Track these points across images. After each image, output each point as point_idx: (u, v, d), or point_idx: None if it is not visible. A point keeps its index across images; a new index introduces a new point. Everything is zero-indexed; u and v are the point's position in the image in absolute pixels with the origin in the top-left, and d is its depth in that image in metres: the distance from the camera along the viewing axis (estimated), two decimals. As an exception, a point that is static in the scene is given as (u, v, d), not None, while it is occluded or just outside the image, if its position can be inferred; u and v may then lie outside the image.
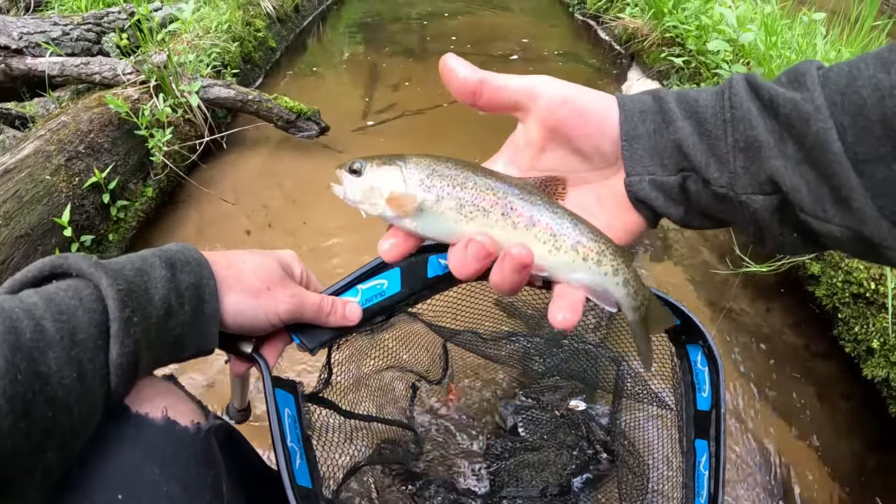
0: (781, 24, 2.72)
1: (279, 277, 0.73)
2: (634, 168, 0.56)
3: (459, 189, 0.57)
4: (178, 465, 0.60)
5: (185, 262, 0.65)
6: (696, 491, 0.80)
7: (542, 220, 0.56)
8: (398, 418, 1.18)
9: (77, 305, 0.54)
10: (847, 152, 0.44)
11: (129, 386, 0.58)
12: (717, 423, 0.78)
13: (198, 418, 0.66)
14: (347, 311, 0.79)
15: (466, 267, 0.56)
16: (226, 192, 2.30)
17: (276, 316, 0.71)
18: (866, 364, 1.54)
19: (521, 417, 1.35)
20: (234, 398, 0.95)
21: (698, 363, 0.82)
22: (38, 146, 1.83)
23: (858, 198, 0.44)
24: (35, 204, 1.68)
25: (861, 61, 0.45)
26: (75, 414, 0.51)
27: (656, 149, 0.55)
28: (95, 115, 2.06)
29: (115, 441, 0.58)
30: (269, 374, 0.73)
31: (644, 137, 0.56)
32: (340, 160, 2.56)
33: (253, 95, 2.46)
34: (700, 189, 0.54)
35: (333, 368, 0.95)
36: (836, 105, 0.45)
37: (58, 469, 0.52)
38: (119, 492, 0.55)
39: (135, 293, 0.58)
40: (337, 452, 0.91)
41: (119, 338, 0.55)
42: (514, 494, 1.17)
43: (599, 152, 0.57)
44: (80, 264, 0.57)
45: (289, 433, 0.73)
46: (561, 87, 0.56)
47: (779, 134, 0.49)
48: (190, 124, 2.39)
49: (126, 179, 2.04)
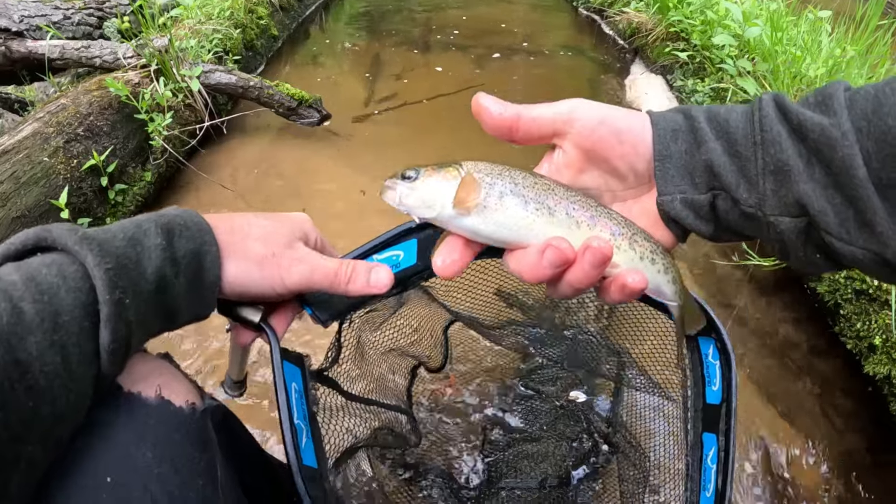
0: (787, 21, 2.70)
1: (287, 242, 0.67)
2: (667, 187, 0.57)
3: (521, 187, 0.56)
4: (171, 447, 0.57)
5: (185, 228, 0.60)
6: (702, 484, 0.78)
7: (602, 220, 0.57)
8: (397, 404, 1.16)
9: (60, 284, 0.49)
10: (872, 177, 0.46)
11: (122, 366, 0.55)
12: (728, 418, 0.76)
13: (193, 398, 0.62)
14: (373, 277, 0.69)
15: (540, 272, 0.55)
16: (225, 179, 2.28)
17: (282, 286, 0.65)
18: (868, 361, 1.52)
19: (520, 408, 1.34)
20: (231, 368, 0.91)
21: (709, 356, 0.80)
22: (36, 128, 1.81)
23: (881, 221, 0.46)
24: (32, 186, 1.66)
25: (887, 85, 0.46)
26: (61, 402, 0.47)
27: (688, 168, 0.56)
28: (95, 99, 2.04)
29: (105, 421, 0.54)
30: (277, 346, 0.69)
31: (676, 156, 0.56)
32: (343, 146, 2.55)
33: (254, 82, 2.44)
34: (729, 208, 0.55)
35: (343, 345, 0.91)
36: (862, 131, 0.46)
37: (45, 459, 0.49)
38: (108, 474, 0.52)
39: (125, 269, 0.53)
40: (334, 434, 0.87)
41: (111, 323, 0.50)
42: (512, 485, 1.15)
43: (634, 171, 0.58)
44: (64, 238, 0.52)
45: (295, 409, 0.69)
46: (595, 108, 0.57)
47: (807, 158, 0.50)
48: (190, 109, 2.37)
49: (125, 163, 2.03)
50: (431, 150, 2.55)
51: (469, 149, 2.56)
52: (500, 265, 1.03)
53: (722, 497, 0.74)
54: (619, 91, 3.08)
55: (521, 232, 0.56)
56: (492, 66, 3.38)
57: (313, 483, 0.66)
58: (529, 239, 0.56)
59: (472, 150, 2.54)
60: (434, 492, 1.16)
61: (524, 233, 0.56)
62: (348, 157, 2.46)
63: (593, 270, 0.54)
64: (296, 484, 0.64)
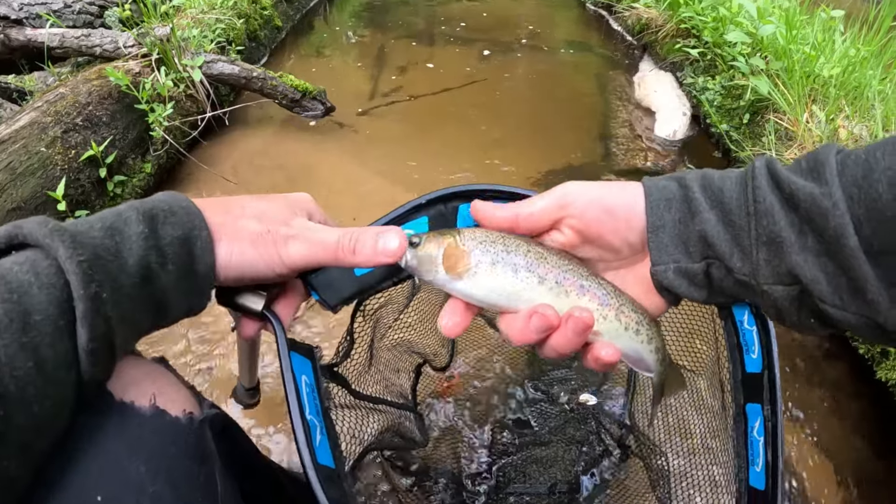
0: (800, 20, 2.66)
1: (284, 218, 0.62)
2: (661, 257, 0.58)
3: (514, 255, 0.59)
4: (166, 460, 0.52)
5: (170, 213, 0.55)
6: (750, 459, 0.73)
7: (590, 290, 0.60)
8: (404, 402, 1.12)
9: (31, 282, 0.44)
10: (863, 245, 0.46)
11: (107, 369, 0.50)
12: (772, 386, 0.71)
13: (191, 408, 0.58)
14: (381, 243, 0.61)
15: (526, 336, 0.58)
16: (227, 171, 2.24)
17: (281, 265, 0.60)
18: (880, 366, 1.49)
19: (528, 410, 1.30)
20: (242, 374, 0.87)
21: (745, 323, 0.75)
22: (34, 117, 1.77)
23: (872, 289, 0.46)
24: (29, 176, 1.62)
25: (878, 149, 0.46)
26: (36, 410, 0.43)
27: (681, 237, 0.57)
28: (95, 88, 2.00)
29: (94, 433, 0.50)
30: (283, 335, 0.64)
31: (670, 226, 0.58)
32: (347, 140, 2.51)
33: (258, 72, 2.40)
34: (723, 276, 0.56)
35: (356, 339, 0.85)
36: (853, 198, 0.47)
37: (25, 475, 0.44)
38: (98, 492, 0.48)
39: (102, 260, 0.48)
40: (344, 435, 0.82)
41: (87, 319, 0.46)
42: (521, 490, 1.12)
43: (628, 244, 0.60)
44: (35, 232, 0.47)
45: (307, 404, 0.64)
46: (587, 189, 0.60)
47: (799, 227, 0.50)
48: (192, 100, 2.32)
49: (124, 154, 1.98)
50: (437, 144, 2.51)
51: (474, 145, 2.52)
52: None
53: (775, 470, 0.69)
54: (628, 88, 3.03)
55: (511, 298, 0.59)
56: (498, 60, 3.34)
57: (331, 484, 0.60)
58: (519, 305, 0.59)
59: (477, 147, 2.50)
60: (443, 497, 1.12)
61: (514, 299, 0.59)
62: (353, 151, 2.42)
63: (576, 338, 0.57)
64: (311, 485, 0.58)
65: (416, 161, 2.36)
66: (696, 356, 0.94)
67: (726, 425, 0.80)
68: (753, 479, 0.72)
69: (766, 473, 0.70)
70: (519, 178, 2.30)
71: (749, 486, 0.73)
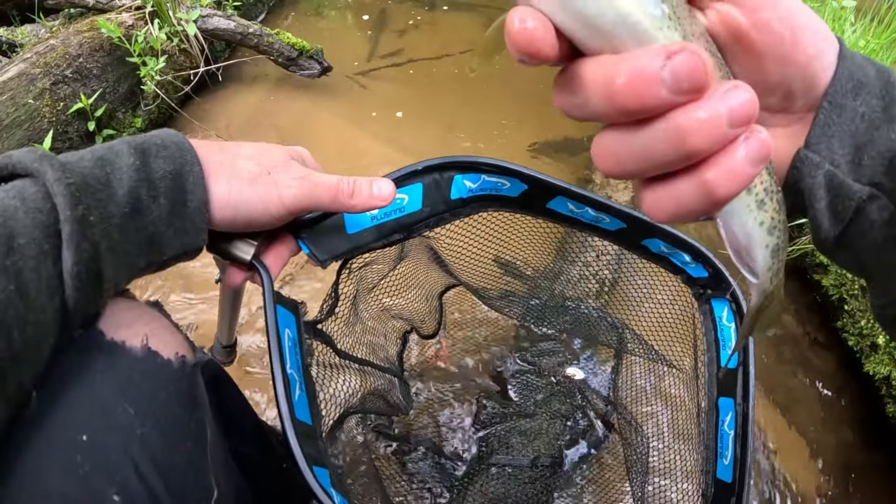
0: (812, 5, 2.61)
1: (283, 161, 0.62)
2: (819, 145, 0.39)
3: None
4: (156, 404, 0.51)
5: (162, 147, 0.54)
6: (718, 452, 0.74)
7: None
8: (389, 366, 1.11)
9: (17, 206, 0.44)
10: None
11: (94, 300, 0.49)
12: (745, 382, 0.72)
13: (183, 351, 0.56)
14: (376, 188, 0.65)
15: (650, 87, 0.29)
16: (220, 128, 2.21)
17: (279, 204, 0.59)
18: (869, 360, 1.48)
19: (514, 381, 1.29)
20: (220, 331, 0.86)
21: (723, 319, 0.75)
22: (22, 69, 1.73)
23: None
24: (15, 129, 1.59)
25: None
26: (15, 335, 0.42)
27: (857, 140, 0.39)
28: (86, 40, 1.94)
29: (82, 371, 0.48)
30: (270, 287, 0.64)
31: (849, 116, 0.39)
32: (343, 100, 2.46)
33: (254, 29, 2.34)
34: (883, 222, 0.39)
35: (340, 296, 0.85)
36: None
37: (4, 408, 0.43)
38: (84, 432, 0.46)
39: (91, 187, 0.48)
40: (326, 394, 0.81)
41: (74, 241, 0.45)
42: (503, 462, 1.12)
43: (786, 89, 0.40)
44: (24, 159, 0.47)
45: (288, 358, 0.64)
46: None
47: None
48: (185, 54, 2.27)
49: (114, 108, 1.94)
50: (435, 109, 2.48)
51: (473, 112, 2.48)
52: (500, 232, 0.97)
53: (742, 464, 0.70)
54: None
55: (628, 25, 0.31)
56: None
57: (307, 440, 0.60)
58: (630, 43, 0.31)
59: (475, 113, 2.46)
60: (423, 464, 1.12)
61: (630, 29, 0.31)
62: (349, 112, 2.38)
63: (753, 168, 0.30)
64: (287, 439, 0.58)
65: (412, 124, 2.33)
66: (674, 349, 0.95)
67: (698, 417, 0.81)
68: (721, 471, 0.73)
69: (733, 467, 0.71)
70: (517, 148, 2.27)
71: (716, 477, 0.74)
